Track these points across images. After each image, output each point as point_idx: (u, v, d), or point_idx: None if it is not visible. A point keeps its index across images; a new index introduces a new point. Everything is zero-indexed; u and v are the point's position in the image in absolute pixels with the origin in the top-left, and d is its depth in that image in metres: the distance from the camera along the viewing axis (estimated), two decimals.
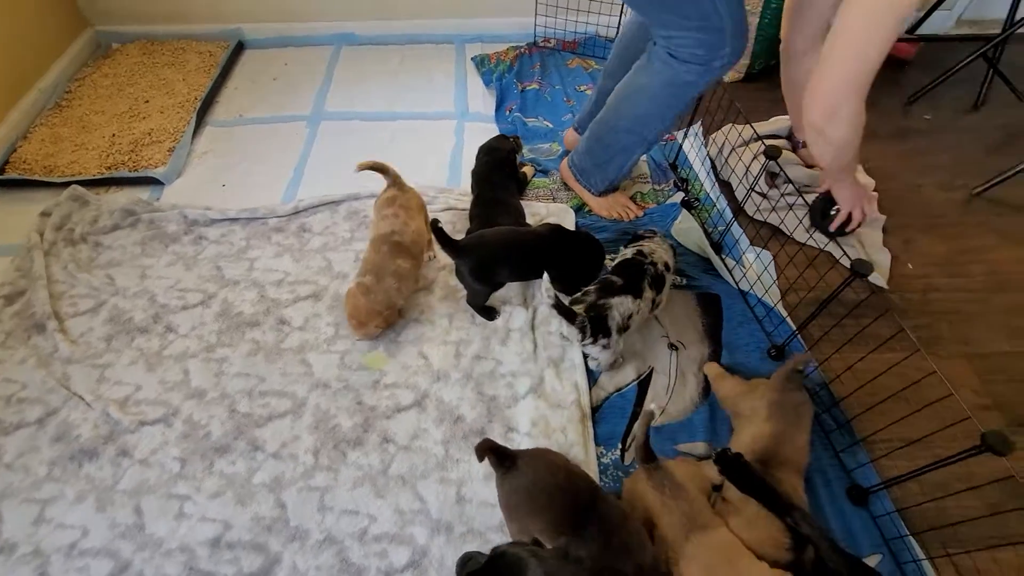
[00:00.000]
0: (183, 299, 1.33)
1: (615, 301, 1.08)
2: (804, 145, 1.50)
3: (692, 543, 0.80)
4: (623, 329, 1.09)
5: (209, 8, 2.04)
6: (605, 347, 1.09)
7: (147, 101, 1.80)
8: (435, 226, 1.13)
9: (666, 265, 1.18)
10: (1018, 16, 1.75)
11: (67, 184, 1.55)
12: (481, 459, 0.88)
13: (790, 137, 1.56)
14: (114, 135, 1.68)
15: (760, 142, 1.32)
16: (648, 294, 1.12)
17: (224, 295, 1.34)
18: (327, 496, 1.04)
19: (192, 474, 1.07)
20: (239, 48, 2.07)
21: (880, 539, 0.97)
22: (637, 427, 1.07)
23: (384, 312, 1.19)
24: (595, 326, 1.07)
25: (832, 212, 1.34)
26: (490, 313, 1.28)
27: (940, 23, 2.22)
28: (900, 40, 2.11)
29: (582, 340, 1.09)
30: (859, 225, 1.34)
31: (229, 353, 1.24)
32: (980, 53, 1.82)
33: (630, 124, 1.33)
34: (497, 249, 1.19)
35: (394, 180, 1.30)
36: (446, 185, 1.60)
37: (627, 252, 1.20)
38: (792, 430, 0.95)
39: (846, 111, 0.99)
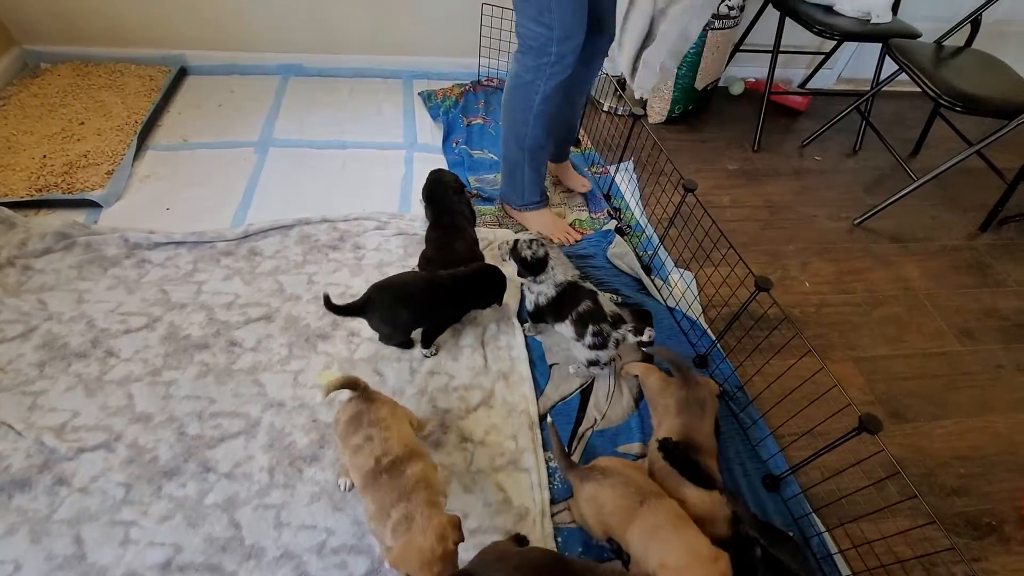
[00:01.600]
0: (125, 323, 1.30)
1: (606, 308, 1.22)
2: None
3: (644, 508, 0.90)
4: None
5: (149, 32, 2.02)
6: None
7: (82, 123, 1.75)
8: (328, 303, 1.14)
9: (573, 275, 1.30)
10: (883, 76, 2.10)
11: None
12: None
13: None
14: (45, 156, 1.62)
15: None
16: (589, 284, 1.27)
17: (170, 318, 1.32)
18: (283, 512, 1.05)
19: (138, 499, 1.04)
20: (182, 73, 2.06)
21: (791, 518, 1.12)
22: (552, 442, 1.15)
23: (448, 520, 0.87)
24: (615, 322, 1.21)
25: None
26: (407, 344, 1.32)
27: (825, 79, 2.61)
28: (793, 93, 2.45)
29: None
30: None
31: (177, 376, 1.22)
32: (854, 107, 2.16)
33: (508, 136, 1.50)
34: (396, 298, 1.21)
35: (362, 390, 1.03)
36: (397, 211, 1.67)
37: (548, 291, 1.25)
38: (697, 421, 1.09)
39: None
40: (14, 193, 1.52)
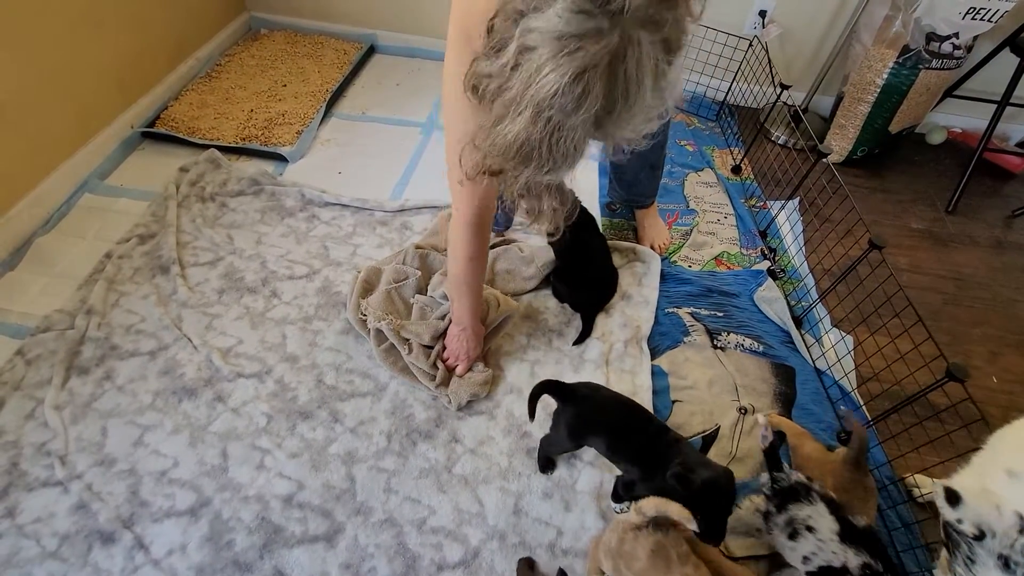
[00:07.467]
0: (290, 269, 1.44)
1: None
2: None
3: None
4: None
5: (351, 11, 2.23)
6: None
7: (284, 85, 1.97)
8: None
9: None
10: None
11: (206, 146, 1.71)
12: None
13: None
14: (252, 110, 1.85)
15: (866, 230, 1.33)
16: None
17: (327, 273, 1.44)
18: (394, 480, 1.10)
19: (276, 431, 1.15)
20: (370, 51, 2.24)
21: None
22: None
23: None
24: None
25: None
26: (548, 465, 1.13)
27: None
28: (1011, 153, 2.09)
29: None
30: None
31: (324, 327, 1.33)
32: None
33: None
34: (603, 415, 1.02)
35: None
36: None
37: None
38: (860, 506, 0.95)
39: None
40: (224, 139, 1.75)
